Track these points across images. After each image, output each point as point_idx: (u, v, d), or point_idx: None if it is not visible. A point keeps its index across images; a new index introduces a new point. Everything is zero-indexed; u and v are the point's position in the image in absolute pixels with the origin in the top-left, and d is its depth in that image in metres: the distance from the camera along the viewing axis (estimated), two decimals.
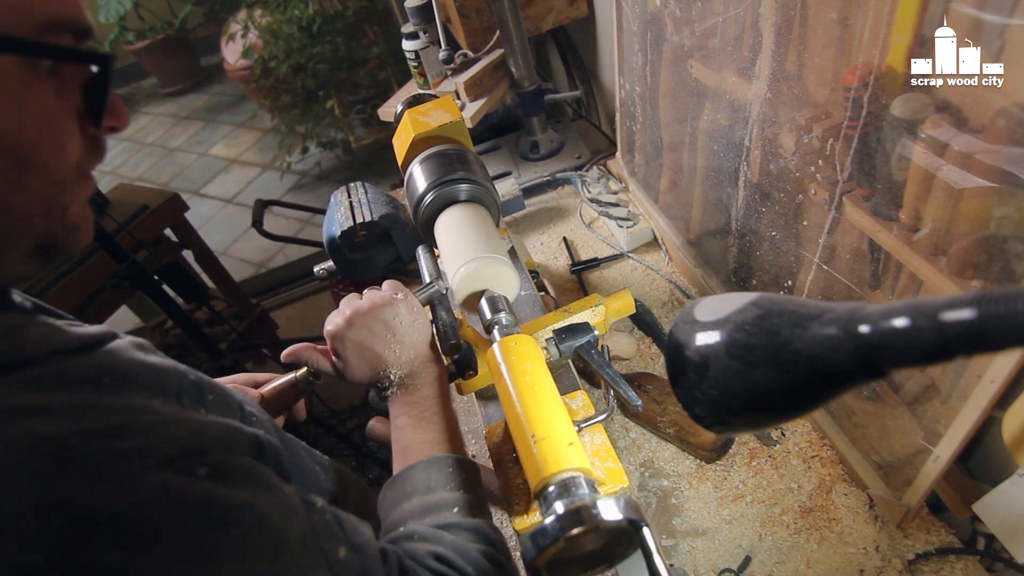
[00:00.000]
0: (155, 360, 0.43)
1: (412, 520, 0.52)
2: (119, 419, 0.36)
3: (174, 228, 2.08)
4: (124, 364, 0.41)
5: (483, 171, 0.79)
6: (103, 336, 0.43)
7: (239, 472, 0.39)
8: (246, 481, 0.39)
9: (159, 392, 0.41)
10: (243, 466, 0.40)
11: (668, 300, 1.17)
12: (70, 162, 0.40)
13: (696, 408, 0.38)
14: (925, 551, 0.76)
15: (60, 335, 0.39)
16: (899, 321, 0.27)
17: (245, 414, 0.48)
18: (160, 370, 0.42)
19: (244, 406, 0.49)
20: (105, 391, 0.38)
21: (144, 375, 0.41)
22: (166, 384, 0.42)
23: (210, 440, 0.39)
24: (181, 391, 0.42)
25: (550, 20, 1.49)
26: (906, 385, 0.76)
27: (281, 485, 0.41)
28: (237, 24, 3.30)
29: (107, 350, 0.42)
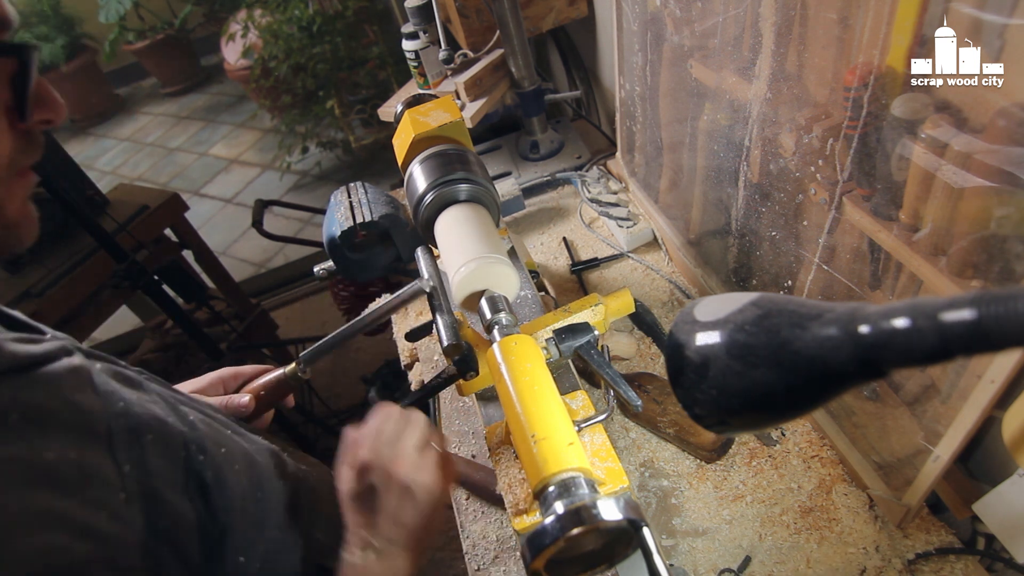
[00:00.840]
0: (84, 399, 0.40)
1: None
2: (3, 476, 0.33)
3: (174, 228, 2.08)
4: (45, 400, 0.37)
5: (483, 171, 0.79)
6: (43, 357, 0.40)
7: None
8: None
9: (82, 436, 0.38)
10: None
11: (668, 300, 1.17)
12: (2, 159, 0.39)
13: (696, 408, 0.38)
14: (925, 551, 0.76)
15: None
16: (899, 321, 0.27)
17: (190, 453, 0.46)
18: (86, 411, 0.40)
19: (189, 444, 0.46)
20: (10, 432, 0.35)
21: (64, 415, 0.38)
22: (92, 427, 0.39)
23: (76, 555, 0.35)
24: (112, 438, 0.40)
25: (550, 20, 1.49)
26: (906, 385, 0.76)
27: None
28: (237, 24, 3.30)
29: (32, 378, 0.38)
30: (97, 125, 4.85)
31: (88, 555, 0.36)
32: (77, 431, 0.38)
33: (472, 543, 0.90)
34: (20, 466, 0.34)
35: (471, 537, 0.91)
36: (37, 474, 0.35)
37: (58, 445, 0.36)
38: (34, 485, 0.35)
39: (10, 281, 1.77)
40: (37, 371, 0.39)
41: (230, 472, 0.49)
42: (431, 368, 1.16)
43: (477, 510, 0.94)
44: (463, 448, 1.02)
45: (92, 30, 4.40)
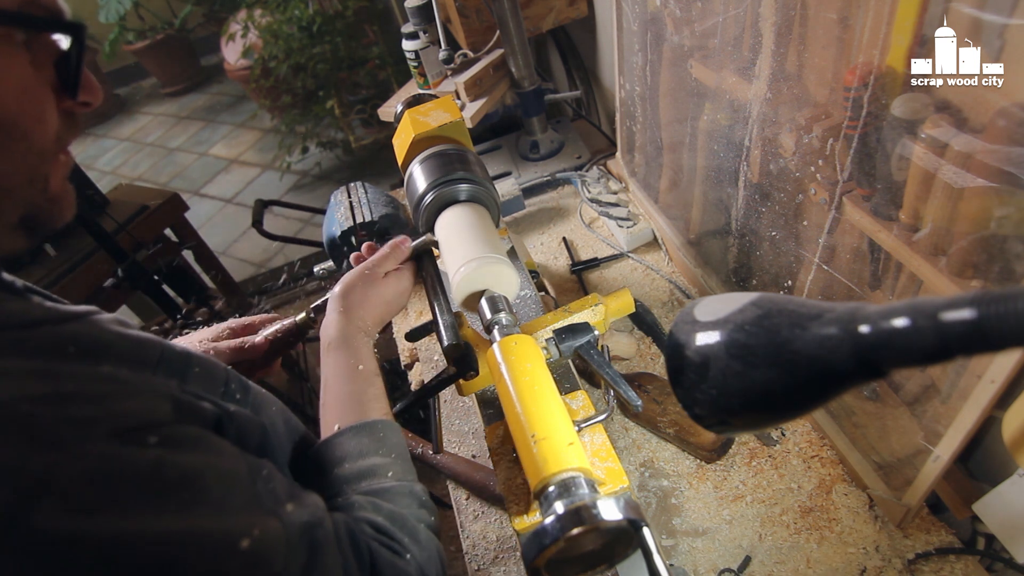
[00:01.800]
0: (134, 332, 0.44)
1: (347, 485, 0.52)
2: (73, 386, 0.36)
3: (174, 228, 2.08)
4: (96, 335, 0.41)
5: (483, 171, 0.79)
6: (83, 311, 0.43)
7: (188, 440, 0.40)
8: (195, 449, 0.40)
9: (134, 362, 0.41)
10: (194, 435, 0.41)
11: (668, 300, 1.17)
12: (50, 133, 0.41)
13: (696, 408, 0.38)
14: (925, 551, 0.76)
15: (36, 309, 0.40)
16: (899, 321, 0.27)
17: (228, 390, 0.49)
18: (139, 341, 0.43)
19: (230, 382, 0.49)
20: (69, 359, 0.38)
21: (119, 345, 0.41)
22: (145, 355, 0.42)
23: (163, 413, 0.39)
24: (161, 361, 0.43)
25: (550, 20, 1.49)
26: (906, 385, 0.76)
27: (230, 454, 0.42)
28: (237, 24, 3.30)
29: (82, 322, 0.42)
30: (97, 125, 4.85)
31: (169, 412, 0.40)
32: (129, 358, 0.41)
33: (472, 543, 0.90)
34: (84, 374, 0.38)
35: (471, 537, 0.91)
36: (100, 377, 0.38)
37: (113, 364, 0.40)
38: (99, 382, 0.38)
39: None
40: (88, 318, 0.42)
41: (268, 410, 0.52)
42: (431, 368, 1.16)
43: (477, 510, 0.94)
44: (463, 448, 1.02)
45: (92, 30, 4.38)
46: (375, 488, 0.52)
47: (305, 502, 0.45)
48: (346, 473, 0.53)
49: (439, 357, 1.17)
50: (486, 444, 0.70)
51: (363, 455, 0.54)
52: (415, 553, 0.49)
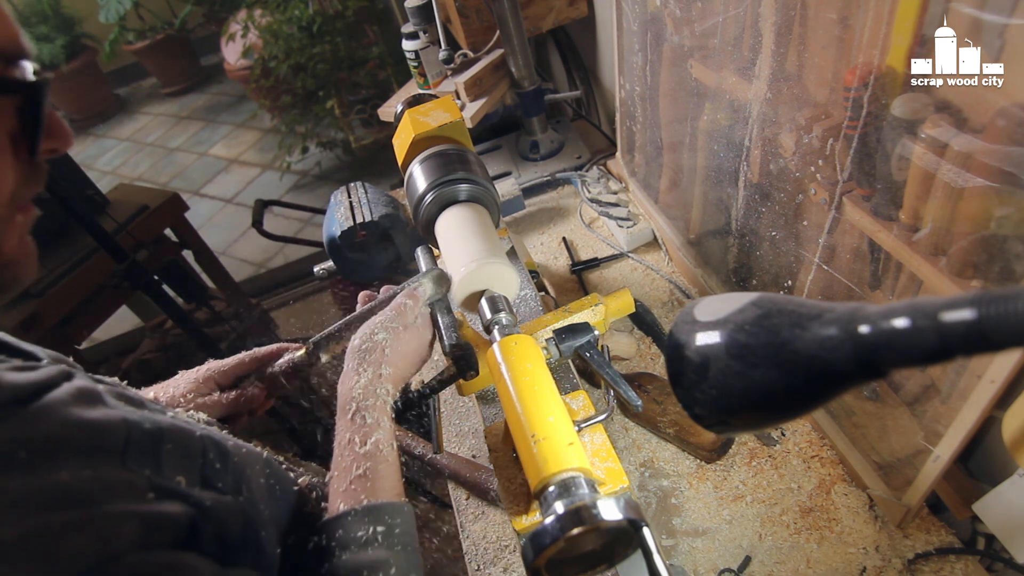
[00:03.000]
0: (97, 415, 0.39)
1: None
2: (16, 528, 0.32)
3: (174, 228, 2.08)
4: (52, 431, 0.36)
5: (483, 171, 0.79)
6: (44, 384, 0.38)
7: (156, 572, 0.36)
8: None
9: (99, 453, 0.37)
10: (159, 565, 0.37)
11: (668, 300, 1.17)
12: (4, 195, 0.37)
13: (696, 408, 0.38)
14: (925, 551, 0.76)
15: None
16: (899, 321, 0.27)
17: (207, 461, 0.45)
18: (100, 427, 0.38)
19: (207, 451, 0.45)
20: (18, 470, 0.33)
21: (78, 439, 0.37)
22: (109, 442, 0.38)
23: (127, 539, 0.35)
24: (128, 446, 0.39)
25: (550, 20, 1.49)
26: (906, 385, 0.76)
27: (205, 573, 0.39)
28: (237, 24, 3.30)
29: (38, 408, 0.37)
30: (97, 125, 4.84)
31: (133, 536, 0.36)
32: (90, 450, 0.37)
33: (472, 543, 0.90)
34: (35, 497, 0.33)
35: (471, 537, 0.91)
36: (55, 496, 0.34)
37: (73, 467, 0.35)
38: (54, 507, 0.34)
39: None
40: (41, 400, 0.37)
41: (251, 472, 0.49)
42: (431, 368, 1.16)
43: (477, 510, 0.94)
44: (463, 448, 1.02)
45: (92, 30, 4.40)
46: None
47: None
48: (344, 566, 0.48)
49: (439, 357, 1.17)
50: (486, 444, 0.70)
51: (365, 545, 0.49)
52: None
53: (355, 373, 0.57)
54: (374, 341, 0.59)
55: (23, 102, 0.37)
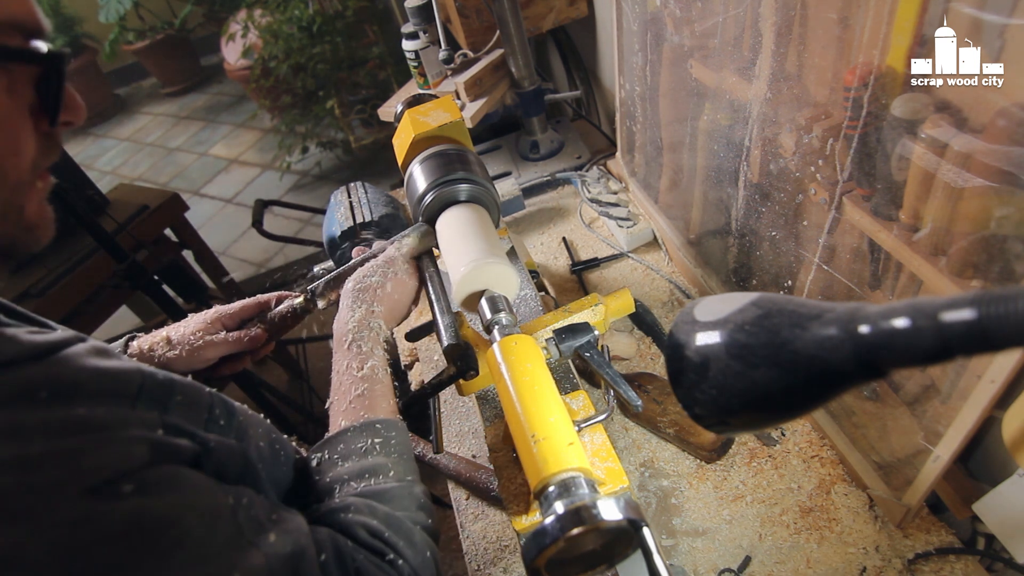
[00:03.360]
0: (112, 364, 0.41)
1: (346, 484, 0.52)
2: (41, 447, 0.34)
3: (174, 228, 2.08)
4: (70, 373, 0.39)
5: (483, 171, 0.79)
6: (58, 343, 0.41)
7: (165, 482, 0.38)
8: (172, 490, 0.38)
9: (113, 397, 0.39)
10: (169, 475, 0.39)
11: (668, 300, 1.17)
12: (25, 163, 0.40)
13: (696, 408, 0.38)
14: (925, 551, 0.76)
15: (8, 346, 0.38)
16: (899, 321, 0.27)
17: (212, 416, 0.47)
18: (116, 374, 0.41)
19: (214, 407, 0.47)
20: (39, 407, 0.36)
21: (94, 382, 0.39)
22: (123, 387, 0.41)
23: (138, 457, 0.38)
24: (141, 393, 0.41)
25: (550, 20, 1.49)
26: (906, 385, 0.76)
27: (209, 489, 0.41)
28: (237, 24, 3.30)
29: (57, 359, 0.39)
30: (97, 125, 4.85)
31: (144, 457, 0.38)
32: (104, 393, 0.39)
33: (472, 543, 0.90)
34: (55, 425, 0.36)
35: (471, 537, 0.91)
36: (72, 425, 0.36)
37: (88, 405, 0.38)
38: (71, 433, 0.36)
39: (10, 281, 1.77)
40: (59, 353, 0.40)
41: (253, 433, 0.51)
42: (431, 368, 1.16)
43: (477, 510, 0.94)
44: (463, 448, 1.02)
45: (92, 30, 4.41)
46: (373, 489, 0.52)
47: (288, 527, 0.44)
48: (346, 472, 0.52)
49: (439, 357, 1.17)
50: (486, 444, 0.70)
51: (365, 454, 0.54)
52: (409, 557, 0.49)
53: (350, 310, 0.64)
54: (366, 282, 0.66)
55: (42, 74, 0.40)
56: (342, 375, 0.60)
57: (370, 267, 0.69)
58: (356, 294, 0.65)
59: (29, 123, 0.40)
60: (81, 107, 0.43)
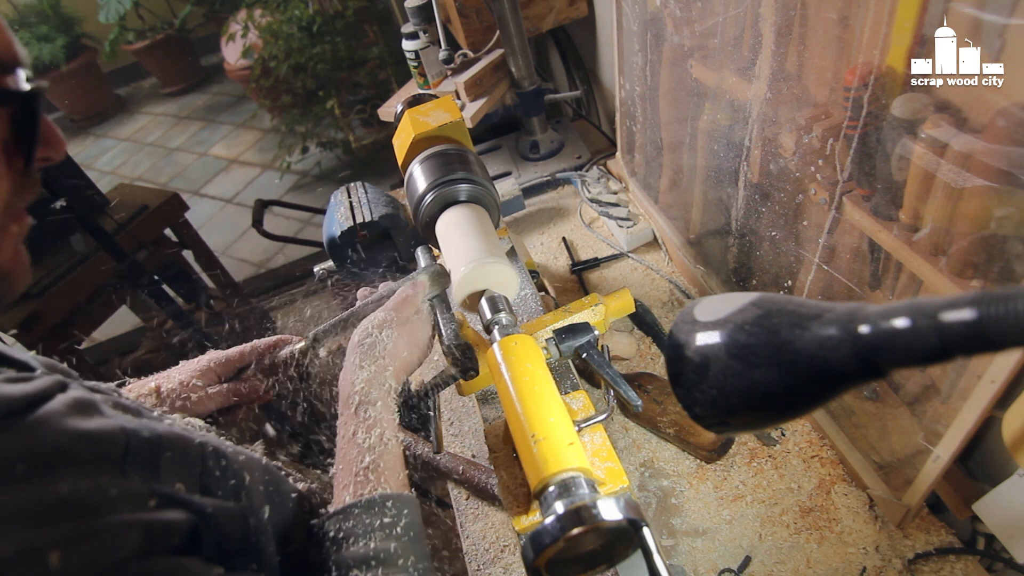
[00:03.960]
0: (95, 425, 0.38)
1: (350, 572, 0.48)
2: (15, 543, 0.31)
3: (174, 228, 2.08)
4: (50, 439, 0.35)
5: (483, 171, 0.79)
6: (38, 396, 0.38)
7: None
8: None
9: (98, 463, 0.37)
10: (163, 571, 0.37)
11: (668, 300, 1.17)
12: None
13: (696, 408, 0.38)
14: (925, 551, 0.76)
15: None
16: (899, 321, 0.27)
17: (206, 468, 0.44)
18: (99, 437, 0.38)
19: (206, 459, 0.45)
20: (17, 484, 0.33)
21: (76, 449, 0.36)
22: (107, 452, 0.38)
23: (128, 548, 0.35)
24: (128, 455, 0.38)
25: (550, 20, 1.49)
26: (906, 385, 0.76)
27: None
28: (237, 24, 3.30)
29: (35, 420, 0.36)
30: (97, 125, 4.83)
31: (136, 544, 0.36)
32: (88, 461, 0.36)
33: (472, 543, 0.90)
34: (35, 509, 0.33)
35: (471, 537, 0.91)
36: (55, 509, 0.34)
37: (71, 478, 0.35)
38: (54, 520, 0.33)
39: None
40: (37, 412, 0.37)
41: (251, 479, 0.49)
42: (431, 368, 1.16)
43: (477, 510, 0.94)
44: (463, 448, 1.02)
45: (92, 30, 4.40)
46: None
47: None
48: (351, 557, 0.48)
49: (439, 357, 1.17)
50: (486, 444, 0.70)
51: (372, 535, 0.49)
52: None
53: (357, 368, 0.57)
54: (375, 336, 0.59)
55: (17, 111, 0.37)
56: (347, 442, 0.54)
57: (379, 318, 0.61)
58: (363, 350, 0.59)
59: (2, 162, 0.37)
60: (61, 141, 0.41)
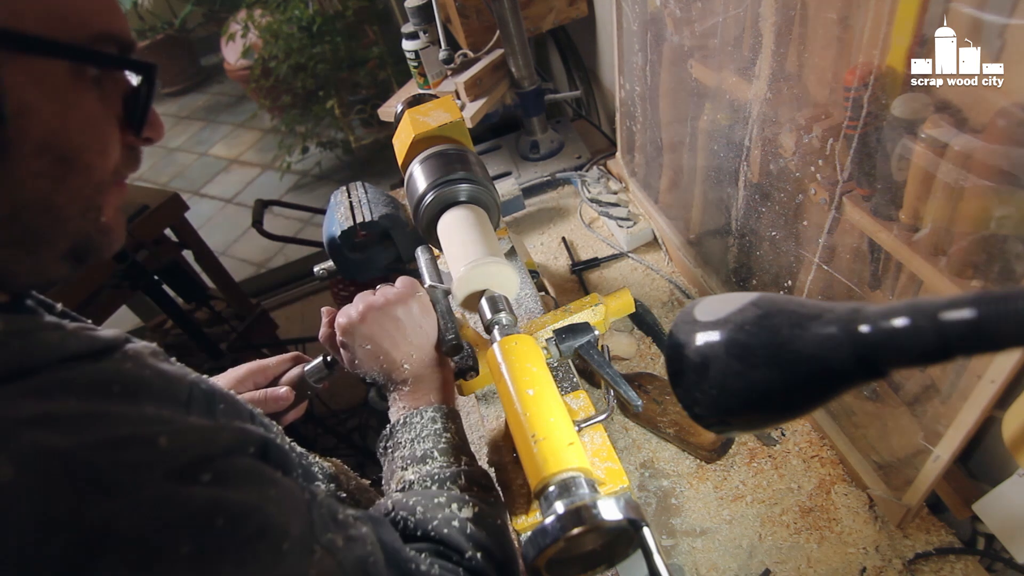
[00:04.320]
0: (168, 368, 0.43)
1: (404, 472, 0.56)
2: (127, 430, 0.36)
3: (174, 228, 2.07)
4: (136, 372, 0.40)
5: (483, 171, 0.79)
6: (116, 341, 0.43)
7: (243, 474, 0.39)
8: (250, 481, 0.39)
9: (169, 400, 0.41)
10: (247, 467, 0.40)
11: (668, 300, 1.17)
12: (110, 166, 0.42)
13: (696, 408, 0.38)
14: (925, 551, 0.76)
15: (72, 340, 0.39)
16: (899, 321, 0.27)
17: (255, 418, 0.49)
18: (171, 378, 0.42)
19: (255, 416, 0.49)
20: (115, 400, 0.38)
21: (156, 383, 0.41)
22: (177, 392, 0.42)
23: (217, 446, 0.39)
24: (191, 400, 0.42)
25: (550, 20, 1.49)
26: (906, 385, 0.76)
27: (284, 481, 0.42)
28: (237, 24, 3.30)
29: (119, 357, 0.41)
30: None
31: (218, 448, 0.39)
32: (164, 396, 0.41)
33: None
34: (132, 415, 0.37)
35: None
36: (147, 418, 0.38)
37: (154, 405, 0.39)
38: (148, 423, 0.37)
39: None
40: (118, 352, 0.42)
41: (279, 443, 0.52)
42: None
43: None
44: None
45: None
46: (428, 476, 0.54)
47: (357, 533, 0.44)
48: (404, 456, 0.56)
49: None
50: (486, 444, 0.70)
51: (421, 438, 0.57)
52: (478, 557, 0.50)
53: None
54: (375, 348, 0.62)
55: (131, 89, 0.42)
56: None
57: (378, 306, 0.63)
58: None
59: (117, 132, 0.42)
60: (161, 126, 0.45)
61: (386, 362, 0.61)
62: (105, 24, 0.40)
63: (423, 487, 0.54)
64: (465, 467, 0.56)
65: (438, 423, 0.59)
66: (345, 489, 0.60)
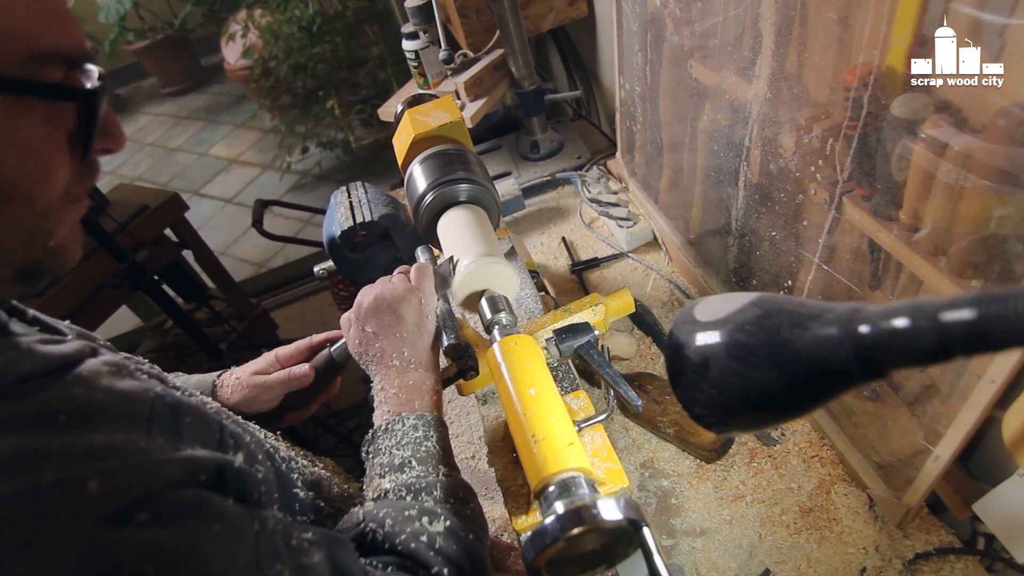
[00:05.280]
0: (126, 386, 0.41)
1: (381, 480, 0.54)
2: (56, 476, 0.33)
3: (174, 228, 2.08)
4: (86, 396, 0.38)
5: (483, 171, 0.79)
6: (72, 358, 0.41)
7: (185, 509, 0.37)
8: (192, 517, 0.37)
9: (126, 421, 0.39)
10: (191, 500, 0.38)
11: (668, 300, 1.17)
12: (55, 191, 0.39)
13: (696, 408, 0.38)
14: (925, 551, 0.76)
15: (25, 360, 0.38)
16: (899, 321, 0.27)
17: (222, 438, 0.46)
18: (129, 397, 0.40)
19: (224, 431, 0.47)
20: (60, 432, 0.36)
21: (110, 405, 0.39)
22: (135, 411, 0.40)
23: (160, 479, 0.37)
24: (152, 417, 0.41)
25: (550, 20, 1.49)
26: (906, 385, 0.76)
27: (232, 511, 0.40)
28: (237, 24, 3.30)
29: (75, 377, 0.39)
30: None
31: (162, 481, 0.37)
32: (120, 418, 0.39)
33: None
34: (72, 455, 0.35)
35: None
36: (92, 453, 0.36)
37: (106, 430, 0.37)
38: (92, 458, 0.36)
39: None
40: (76, 369, 0.40)
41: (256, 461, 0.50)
42: None
43: None
44: (463, 448, 1.02)
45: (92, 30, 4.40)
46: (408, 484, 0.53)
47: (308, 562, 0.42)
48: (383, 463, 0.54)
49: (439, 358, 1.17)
50: (486, 444, 0.70)
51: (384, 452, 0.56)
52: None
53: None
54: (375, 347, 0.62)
55: (83, 106, 0.40)
56: None
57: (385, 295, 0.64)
58: None
59: (66, 150, 0.39)
60: (121, 135, 0.43)
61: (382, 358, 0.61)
62: (50, 41, 0.36)
63: (397, 496, 0.52)
64: (443, 478, 0.54)
65: (419, 431, 0.57)
66: (326, 497, 0.58)
